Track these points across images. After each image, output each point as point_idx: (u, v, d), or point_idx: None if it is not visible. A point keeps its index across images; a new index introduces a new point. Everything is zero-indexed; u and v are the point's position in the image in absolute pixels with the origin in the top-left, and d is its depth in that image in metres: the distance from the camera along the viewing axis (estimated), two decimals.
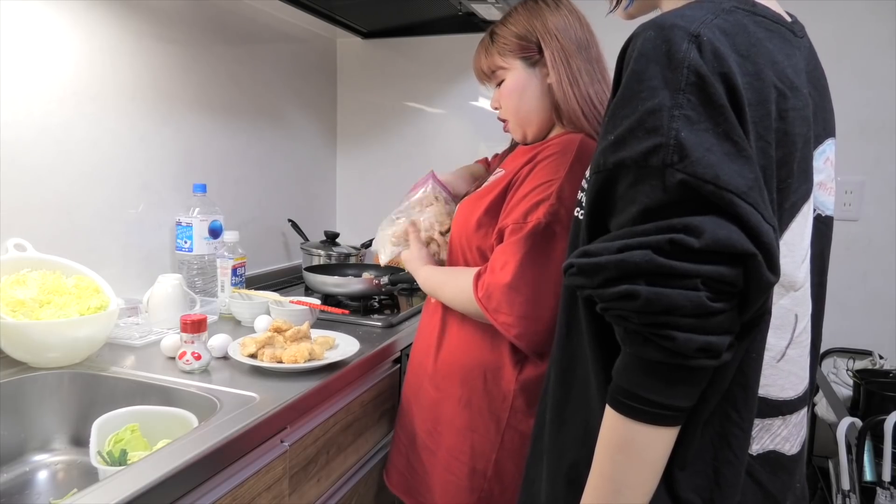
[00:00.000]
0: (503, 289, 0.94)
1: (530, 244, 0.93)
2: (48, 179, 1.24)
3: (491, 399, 1.05)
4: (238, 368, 1.09)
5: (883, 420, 1.37)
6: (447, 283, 1.07)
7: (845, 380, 1.74)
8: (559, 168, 0.95)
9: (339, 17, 1.94)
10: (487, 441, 1.05)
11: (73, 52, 1.27)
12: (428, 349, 1.14)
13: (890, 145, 1.76)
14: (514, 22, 1.07)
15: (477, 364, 1.06)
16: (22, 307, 1.03)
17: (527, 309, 0.93)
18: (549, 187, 0.94)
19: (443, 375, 1.11)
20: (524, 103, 1.07)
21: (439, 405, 1.11)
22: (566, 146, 0.98)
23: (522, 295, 0.93)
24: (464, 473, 1.07)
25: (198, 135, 1.64)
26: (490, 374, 1.05)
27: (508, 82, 1.07)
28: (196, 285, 1.49)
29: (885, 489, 1.36)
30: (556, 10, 1.05)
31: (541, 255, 0.93)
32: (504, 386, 1.04)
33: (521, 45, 1.05)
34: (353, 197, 2.33)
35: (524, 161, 1.02)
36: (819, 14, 1.77)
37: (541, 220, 0.93)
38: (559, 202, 0.93)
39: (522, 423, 1.04)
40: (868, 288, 1.81)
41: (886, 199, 1.78)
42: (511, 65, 1.07)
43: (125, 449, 0.87)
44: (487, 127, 2.12)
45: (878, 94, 1.75)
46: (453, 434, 1.09)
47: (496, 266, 0.96)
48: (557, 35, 1.03)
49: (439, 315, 1.13)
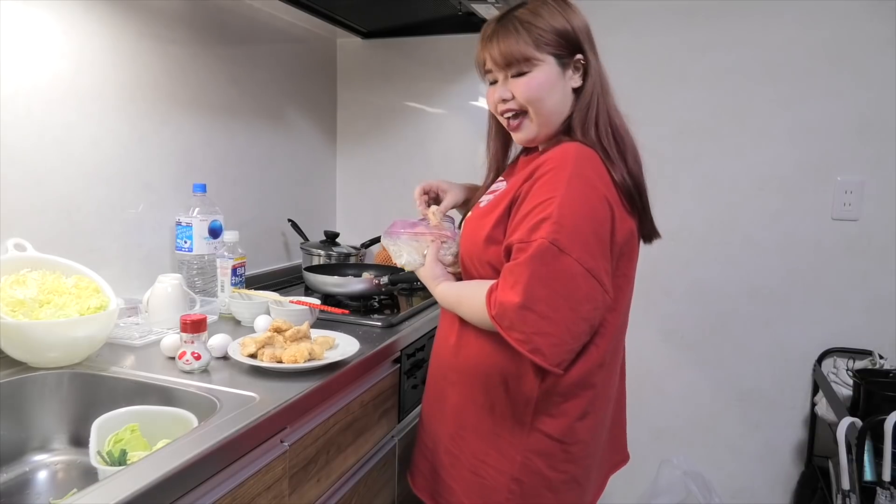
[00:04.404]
0: (515, 308, 0.94)
1: (536, 263, 0.93)
2: (48, 179, 1.24)
3: (514, 405, 1.05)
4: (238, 368, 1.09)
5: (883, 420, 1.37)
6: (462, 301, 1.08)
7: (845, 380, 1.74)
8: (558, 184, 0.96)
9: (339, 17, 1.94)
10: (513, 444, 1.05)
11: (74, 53, 1.27)
12: (446, 356, 1.15)
13: (890, 145, 1.76)
14: (551, 16, 1.02)
15: (497, 371, 1.06)
16: (22, 307, 1.03)
17: (539, 326, 0.93)
18: (548, 205, 0.95)
19: (464, 382, 1.11)
20: (549, 101, 1.03)
21: (462, 411, 1.11)
22: (562, 160, 0.98)
23: (534, 313, 0.93)
24: (491, 476, 1.07)
25: (198, 135, 1.64)
26: (512, 381, 1.04)
27: (538, 76, 1.02)
28: (196, 285, 1.49)
29: (885, 489, 1.36)
30: (580, 13, 1.05)
31: (547, 272, 0.93)
32: (527, 392, 1.04)
33: (559, 42, 1.01)
34: (353, 197, 2.33)
35: (525, 176, 1.02)
36: (819, 14, 1.77)
37: (544, 238, 0.93)
38: (560, 220, 0.94)
39: (548, 424, 1.04)
40: (868, 288, 1.81)
41: (886, 199, 1.78)
42: (545, 59, 1.02)
43: (125, 449, 0.87)
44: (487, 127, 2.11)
45: (878, 94, 1.75)
46: (478, 439, 1.09)
47: (506, 285, 0.96)
48: (592, 39, 1.04)
49: (455, 323, 1.12)
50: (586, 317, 0.96)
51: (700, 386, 2.01)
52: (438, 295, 1.14)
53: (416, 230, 1.18)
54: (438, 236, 1.17)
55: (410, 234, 1.17)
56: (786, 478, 1.94)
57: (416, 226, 1.19)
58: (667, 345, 2.03)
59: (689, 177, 1.95)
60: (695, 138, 1.93)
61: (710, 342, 1.99)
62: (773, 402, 1.93)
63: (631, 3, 1.92)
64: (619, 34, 1.93)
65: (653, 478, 2.01)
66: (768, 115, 1.85)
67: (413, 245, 1.17)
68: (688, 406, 2.03)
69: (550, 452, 1.05)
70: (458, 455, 1.12)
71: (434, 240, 1.17)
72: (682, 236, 1.97)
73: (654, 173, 1.09)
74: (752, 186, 1.89)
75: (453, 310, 1.11)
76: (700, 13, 1.88)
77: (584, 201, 0.95)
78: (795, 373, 1.90)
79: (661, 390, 2.05)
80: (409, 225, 1.19)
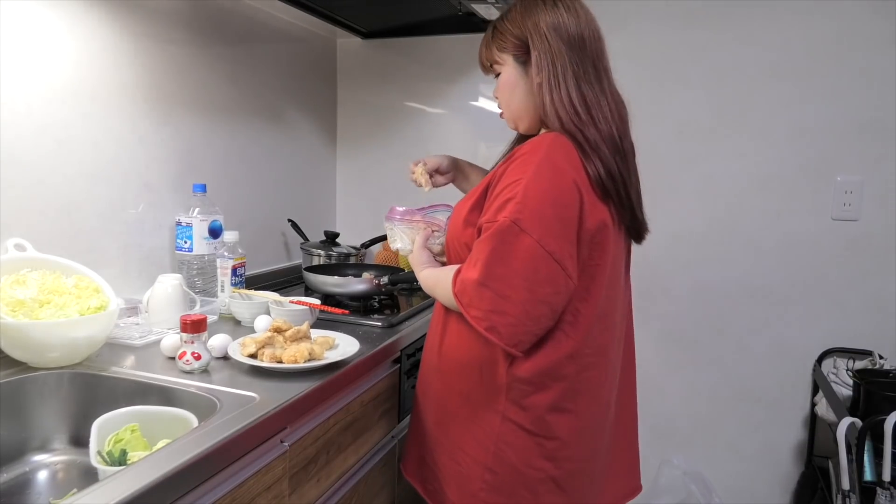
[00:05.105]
0: (473, 284, 0.97)
1: (496, 241, 0.96)
2: (48, 179, 1.24)
3: (487, 392, 1.07)
4: (238, 368, 1.09)
5: (883, 420, 1.37)
6: (438, 283, 1.11)
7: (845, 380, 1.74)
8: (526, 167, 0.98)
9: (339, 17, 1.94)
10: (487, 433, 1.07)
11: (73, 53, 1.27)
12: (433, 345, 1.18)
13: (890, 145, 1.76)
14: (511, 19, 1.08)
15: (474, 358, 1.08)
16: (22, 307, 1.03)
17: (496, 304, 0.96)
18: (515, 186, 0.97)
19: (446, 370, 1.14)
20: (513, 100, 1.11)
21: (445, 398, 1.15)
22: (536, 146, 1.01)
23: (491, 290, 0.96)
24: (467, 463, 1.10)
25: (198, 135, 1.64)
26: (486, 368, 1.07)
27: (503, 77, 1.11)
28: (196, 285, 1.49)
29: (885, 489, 1.36)
30: (552, 7, 1.04)
31: (506, 251, 0.95)
32: (498, 380, 1.06)
33: (514, 44, 1.07)
34: (353, 197, 2.33)
35: (504, 161, 1.06)
36: (819, 14, 1.77)
37: (506, 218, 0.96)
38: (524, 200, 0.95)
39: (518, 414, 1.05)
40: (868, 288, 1.81)
41: (886, 199, 1.78)
42: (505, 60, 1.10)
43: (125, 449, 0.87)
44: (487, 127, 2.12)
45: (878, 93, 1.74)
46: (457, 426, 1.12)
47: (469, 263, 1.00)
48: (548, 35, 1.03)
49: (442, 312, 1.16)
50: (546, 300, 0.96)
51: (700, 386, 2.01)
52: (421, 280, 1.17)
53: (411, 217, 1.23)
54: (430, 224, 1.22)
55: (407, 222, 1.23)
56: (786, 478, 1.94)
57: (412, 213, 1.23)
58: (667, 345, 2.03)
59: (689, 177, 1.95)
60: (695, 138, 1.93)
61: (710, 342, 1.99)
62: (773, 402, 1.93)
63: (631, 3, 1.92)
64: (619, 34, 1.93)
65: (653, 478, 2.01)
66: (768, 115, 1.85)
67: (407, 232, 1.23)
68: (688, 406, 2.03)
69: (522, 445, 1.05)
70: (442, 441, 1.15)
71: (426, 227, 1.22)
72: (682, 236, 1.97)
73: (654, 173, 1.10)
74: (752, 186, 1.89)
75: (432, 293, 1.15)
76: (700, 13, 1.88)
77: (550, 185, 0.97)
78: (795, 373, 1.90)
79: (661, 390, 2.05)
80: (406, 212, 1.23)
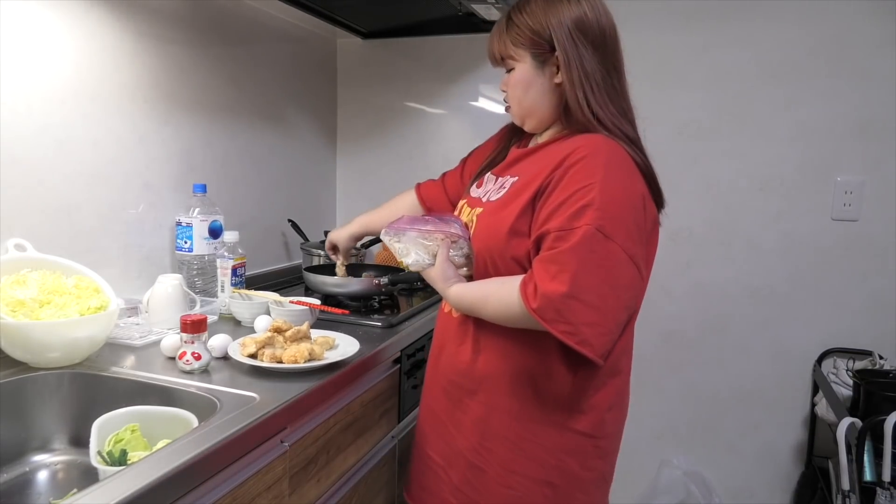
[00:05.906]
0: (561, 298, 0.88)
1: (585, 250, 0.89)
2: (48, 179, 1.24)
3: (543, 405, 1.01)
4: (238, 368, 1.09)
5: (883, 420, 1.36)
6: (489, 298, 1.00)
7: (845, 380, 1.74)
8: (594, 171, 0.93)
9: (339, 17, 1.94)
10: (545, 447, 1.02)
11: (74, 53, 1.27)
12: (463, 367, 1.09)
13: (890, 145, 1.76)
14: (531, 12, 1.01)
15: (523, 371, 1.02)
16: (22, 307, 1.03)
17: (587, 316, 0.89)
18: (588, 191, 0.91)
19: (486, 389, 1.06)
20: (528, 98, 1.05)
21: (486, 420, 1.06)
22: (594, 149, 0.95)
23: (581, 302, 0.89)
24: (524, 486, 1.03)
25: (198, 135, 1.64)
26: (541, 381, 1.01)
27: (516, 74, 1.04)
28: (196, 285, 1.49)
29: (885, 489, 1.36)
30: (576, 1, 1.00)
31: (595, 260, 0.90)
32: (557, 390, 1.01)
33: (533, 41, 1.01)
34: (353, 197, 2.33)
35: (553, 165, 0.97)
36: (819, 14, 1.77)
37: (589, 225, 0.90)
38: (602, 206, 0.90)
39: (579, 420, 1.01)
40: (868, 288, 1.81)
41: (886, 199, 1.78)
42: (521, 57, 1.03)
43: (125, 449, 0.87)
44: (487, 127, 2.10)
45: (878, 94, 1.75)
46: (505, 448, 1.04)
47: (548, 275, 0.90)
48: (573, 33, 0.98)
49: (471, 330, 1.07)
50: (628, 305, 0.95)
51: (700, 386, 2.01)
52: (453, 296, 1.05)
53: (425, 227, 1.07)
54: (449, 235, 1.07)
55: (419, 232, 1.07)
56: (786, 478, 1.94)
57: (425, 222, 1.08)
58: (667, 345, 2.03)
59: (689, 177, 1.95)
60: (695, 138, 1.93)
61: (710, 342, 1.99)
62: (773, 402, 1.93)
63: (631, 3, 1.92)
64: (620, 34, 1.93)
65: (653, 478, 2.01)
66: (768, 115, 1.85)
67: (421, 243, 1.07)
68: (688, 406, 2.03)
69: (582, 450, 1.02)
70: (484, 468, 1.06)
71: (444, 238, 1.07)
72: (683, 236, 1.97)
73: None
74: (753, 187, 1.89)
75: (474, 310, 1.04)
76: (700, 13, 1.88)
77: (623, 188, 0.93)
78: (795, 373, 1.90)
79: (661, 390, 2.05)
80: (419, 221, 1.08)
